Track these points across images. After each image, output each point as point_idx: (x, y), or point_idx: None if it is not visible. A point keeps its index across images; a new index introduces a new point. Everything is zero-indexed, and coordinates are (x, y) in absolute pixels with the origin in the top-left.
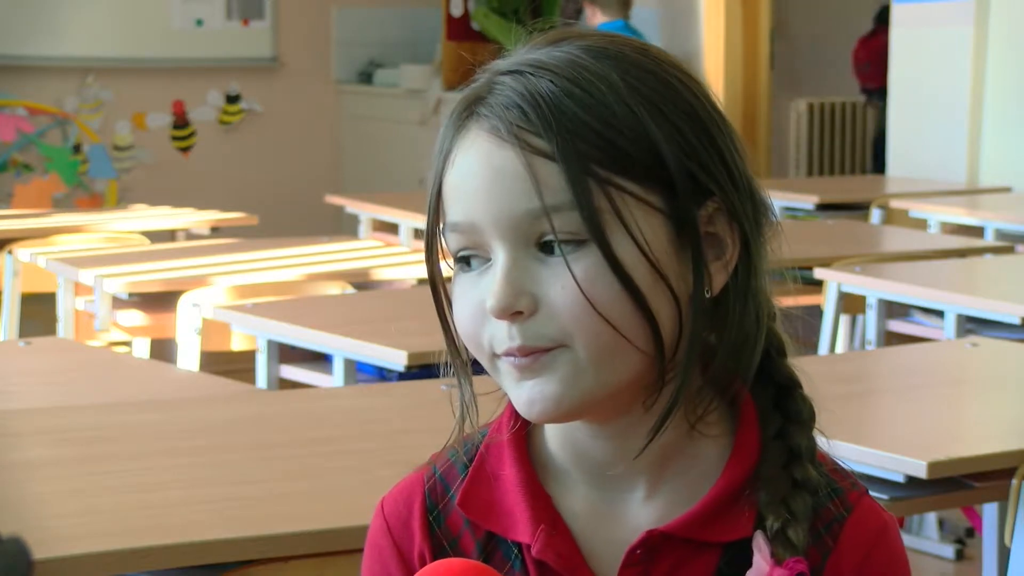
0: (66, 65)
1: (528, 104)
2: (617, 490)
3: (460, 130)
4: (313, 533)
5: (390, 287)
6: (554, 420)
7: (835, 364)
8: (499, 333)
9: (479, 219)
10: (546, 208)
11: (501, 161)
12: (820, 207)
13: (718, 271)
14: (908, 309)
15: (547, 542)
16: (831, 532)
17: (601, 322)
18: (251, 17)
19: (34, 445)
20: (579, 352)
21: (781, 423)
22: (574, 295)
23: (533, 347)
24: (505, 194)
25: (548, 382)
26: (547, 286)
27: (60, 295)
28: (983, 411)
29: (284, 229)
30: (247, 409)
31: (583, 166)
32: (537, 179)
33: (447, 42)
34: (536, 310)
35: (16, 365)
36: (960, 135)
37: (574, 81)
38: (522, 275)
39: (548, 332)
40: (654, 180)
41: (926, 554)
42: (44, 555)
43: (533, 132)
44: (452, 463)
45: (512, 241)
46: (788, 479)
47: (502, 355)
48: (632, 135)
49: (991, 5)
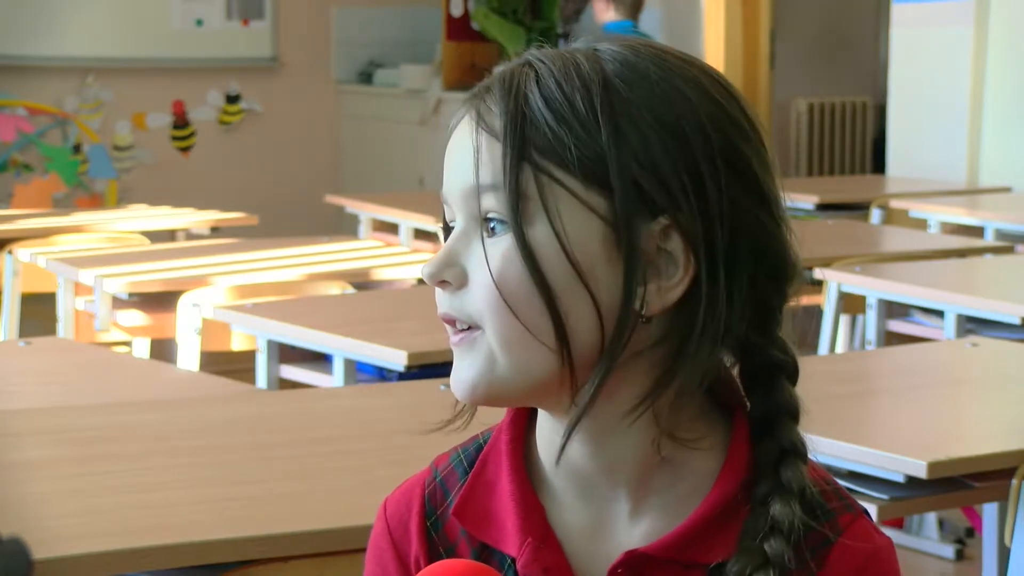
0: (66, 65)
1: (502, 89)
2: (604, 504)
3: (460, 114)
4: (313, 533)
5: (390, 287)
6: (472, 402)
7: (835, 364)
8: (439, 299)
9: (447, 191)
10: (479, 185)
11: (461, 138)
12: (820, 207)
13: (654, 292)
14: (908, 309)
15: (533, 557)
16: (816, 557)
17: (506, 310)
18: (251, 17)
19: (34, 445)
20: (490, 336)
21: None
22: (485, 276)
23: (453, 317)
24: (461, 169)
25: (467, 366)
26: (474, 264)
27: (60, 295)
28: (983, 411)
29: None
30: (247, 409)
31: (522, 150)
32: (480, 156)
33: (447, 42)
34: (464, 284)
35: (16, 365)
36: (960, 135)
37: (555, 74)
38: (461, 248)
39: (468, 308)
40: (596, 182)
41: (926, 554)
42: (44, 555)
43: (494, 114)
44: (453, 467)
45: (465, 214)
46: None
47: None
48: (582, 133)
49: (991, 5)
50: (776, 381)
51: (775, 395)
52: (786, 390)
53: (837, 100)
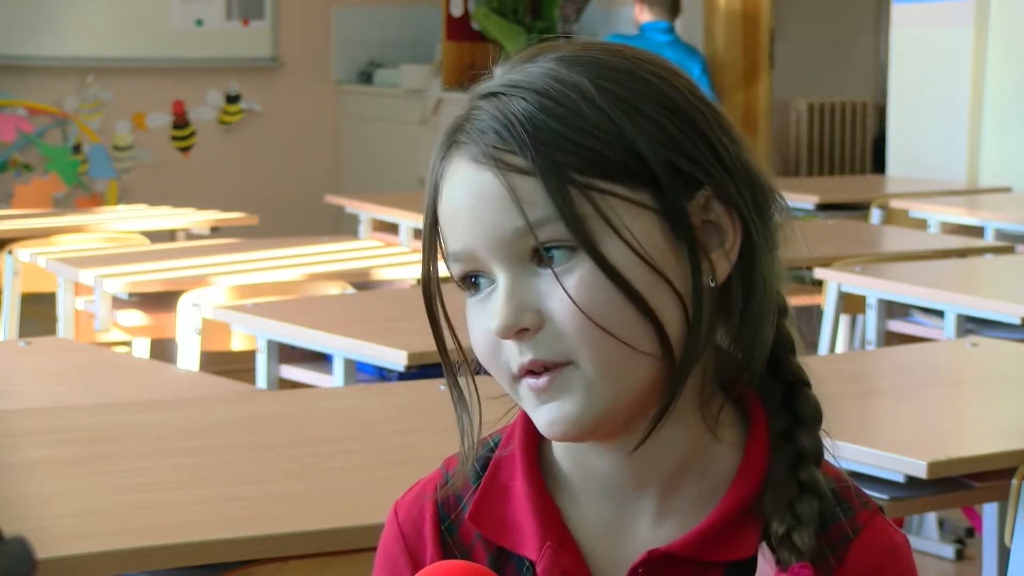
0: (66, 65)
1: (501, 125)
2: (627, 504)
3: (444, 160)
4: (313, 533)
5: (390, 287)
6: (577, 439)
7: (835, 364)
8: (511, 353)
9: (474, 245)
10: (530, 224)
11: (482, 185)
12: (820, 207)
13: (720, 259)
14: (908, 309)
15: (553, 560)
16: (836, 553)
17: (600, 333)
18: (251, 17)
19: (34, 445)
20: (587, 368)
21: (788, 423)
22: (569, 307)
23: (545, 360)
24: (491, 217)
25: (566, 403)
26: (547, 300)
27: (60, 295)
28: (983, 411)
29: (284, 229)
30: (247, 409)
31: (561, 175)
32: (518, 196)
33: (447, 42)
34: (542, 325)
35: (16, 365)
36: (960, 135)
37: (545, 94)
38: (523, 292)
39: (557, 346)
40: (638, 179)
41: (926, 554)
42: (44, 555)
43: (509, 151)
44: (464, 471)
45: (508, 260)
46: (794, 482)
47: (519, 376)
48: (607, 137)
49: (991, 5)
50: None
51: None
52: (781, 326)
53: (837, 100)
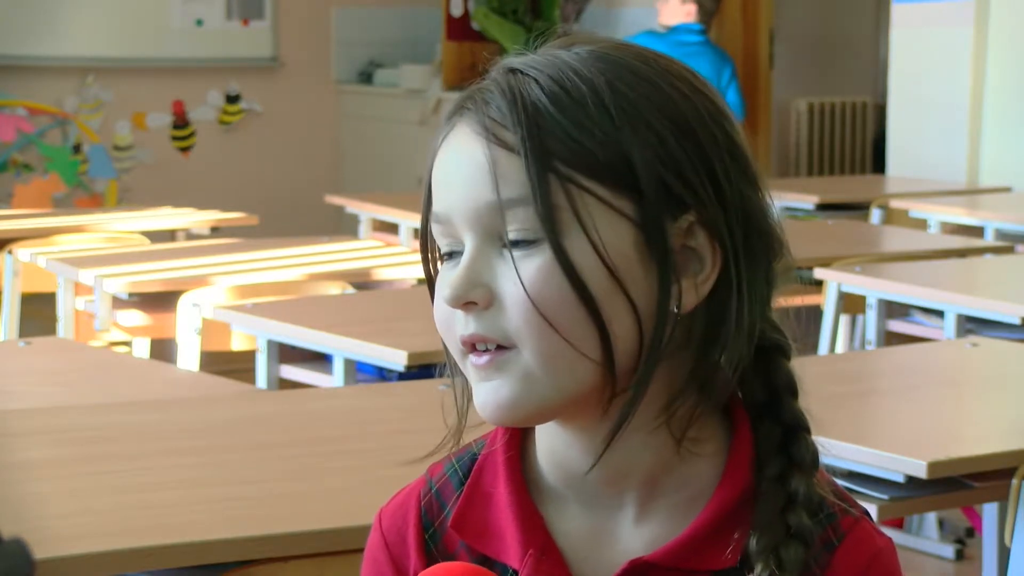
0: (66, 65)
1: (506, 101)
2: (608, 511)
3: (448, 127)
4: (313, 533)
5: (390, 287)
6: (508, 423)
7: (835, 364)
8: (459, 323)
9: (451, 210)
10: (501, 202)
11: (471, 153)
12: (820, 207)
13: (689, 288)
14: (908, 309)
15: (535, 567)
16: (820, 561)
17: (546, 326)
18: (251, 17)
19: (34, 445)
20: (527, 356)
21: (784, 466)
22: (521, 292)
23: (484, 336)
24: (471, 186)
25: (502, 385)
26: (502, 280)
27: (60, 295)
28: (983, 411)
29: (284, 229)
30: (247, 409)
31: (545, 162)
32: (497, 172)
33: (447, 42)
34: (491, 304)
35: (16, 365)
36: (960, 135)
37: (558, 82)
38: (482, 267)
39: (500, 327)
40: (624, 186)
41: (926, 554)
42: (44, 555)
43: (503, 126)
44: (448, 478)
45: (478, 233)
46: (783, 526)
47: (464, 347)
48: (603, 137)
49: (991, 5)
50: (774, 361)
51: (774, 375)
52: (783, 368)
53: (837, 100)
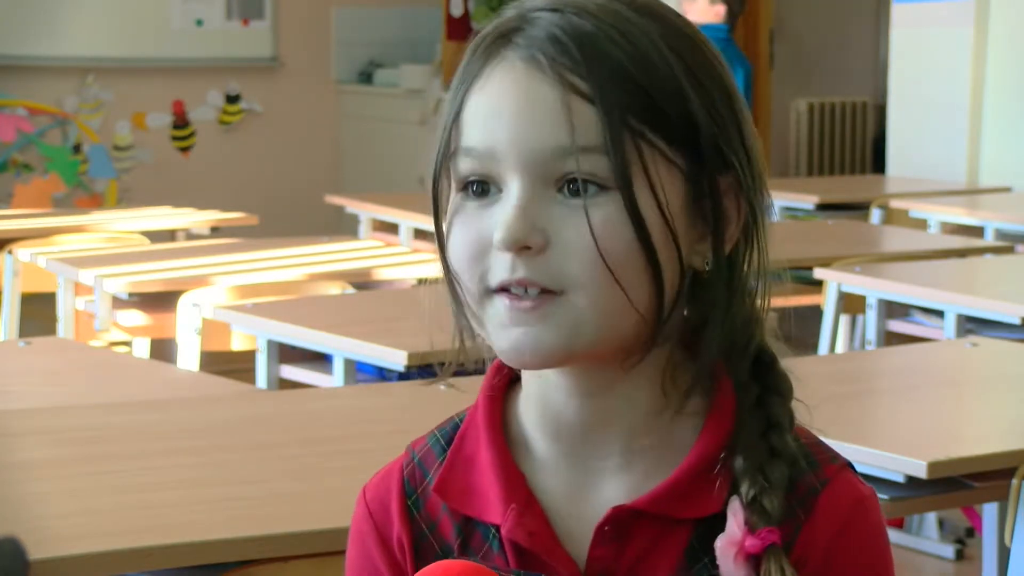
0: (66, 65)
1: (572, 40)
2: (591, 463)
3: (491, 56)
4: (313, 533)
5: (390, 287)
6: (537, 367)
7: (835, 364)
8: (499, 265)
9: (501, 146)
10: (577, 147)
11: (537, 93)
12: (820, 207)
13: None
14: (908, 309)
15: (517, 521)
16: (804, 505)
17: (608, 275)
18: (251, 17)
19: (34, 445)
20: (579, 301)
21: (759, 392)
22: (587, 240)
23: (533, 281)
24: (536, 126)
25: (544, 332)
26: (561, 226)
27: (60, 295)
28: (983, 411)
29: (284, 229)
30: (247, 409)
31: (620, 115)
32: (572, 118)
33: (447, 42)
34: (545, 249)
35: (16, 365)
36: (960, 135)
37: (618, 29)
38: (537, 211)
39: (553, 272)
40: (682, 142)
41: (926, 554)
42: (44, 555)
43: (573, 70)
44: (430, 447)
45: (532, 175)
46: (766, 447)
47: (498, 290)
48: (670, 93)
49: (991, 5)
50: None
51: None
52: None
53: (837, 100)
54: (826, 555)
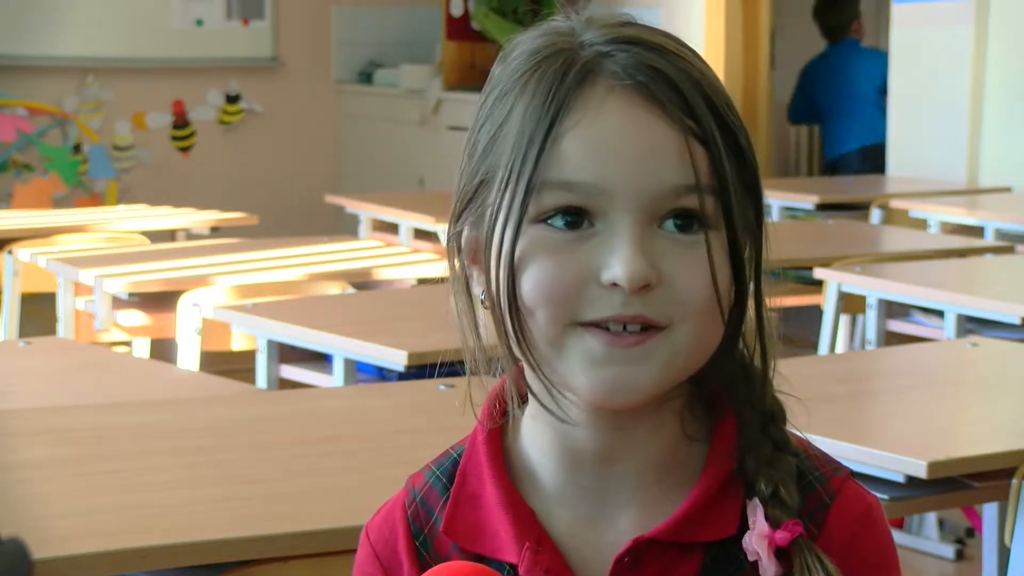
0: (66, 65)
1: (685, 82)
2: (603, 495)
3: (582, 85)
4: (313, 533)
5: (390, 287)
6: (623, 407)
7: (835, 364)
8: (600, 301)
9: (616, 185)
10: (700, 187)
11: (654, 132)
12: (820, 207)
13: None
14: (908, 309)
15: (534, 560)
16: (815, 520)
17: (715, 307)
18: (251, 17)
19: (34, 445)
20: (682, 335)
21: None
22: (705, 277)
23: (647, 318)
24: (656, 167)
25: (643, 369)
26: (673, 264)
27: (60, 295)
28: (983, 411)
29: (284, 229)
30: (247, 409)
31: (727, 156)
32: (693, 158)
33: (447, 42)
34: (658, 285)
35: (16, 365)
36: (960, 135)
37: (707, 71)
38: (647, 248)
39: (667, 309)
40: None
41: (926, 554)
42: (44, 555)
43: (685, 111)
44: (431, 485)
45: (642, 213)
46: (768, 441)
47: (588, 325)
48: (742, 133)
49: (991, 5)
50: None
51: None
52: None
53: None
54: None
